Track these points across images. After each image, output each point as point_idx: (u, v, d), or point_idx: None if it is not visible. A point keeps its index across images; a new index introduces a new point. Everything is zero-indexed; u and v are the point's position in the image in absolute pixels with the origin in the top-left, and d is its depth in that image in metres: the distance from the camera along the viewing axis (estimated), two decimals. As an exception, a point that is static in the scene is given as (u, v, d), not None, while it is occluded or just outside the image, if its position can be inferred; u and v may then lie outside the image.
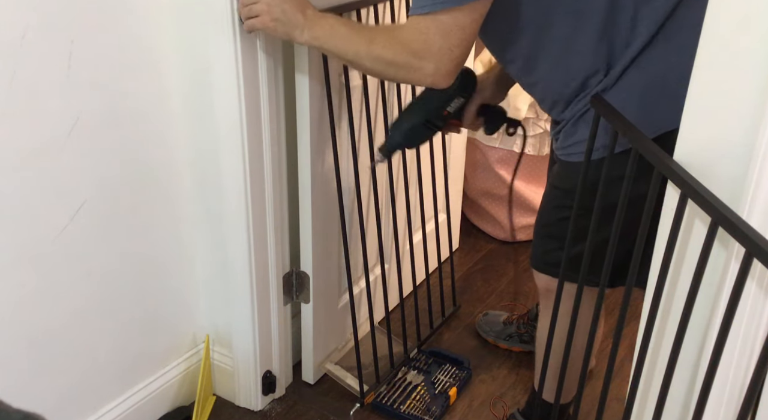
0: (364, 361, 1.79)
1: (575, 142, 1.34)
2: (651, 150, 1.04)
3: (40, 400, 1.41)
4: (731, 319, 0.88)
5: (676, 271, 1.03)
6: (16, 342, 1.35)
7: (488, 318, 2.09)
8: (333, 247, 1.78)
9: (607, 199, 1.22)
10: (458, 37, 1.21)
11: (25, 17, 1.19)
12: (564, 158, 1.39)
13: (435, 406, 1.80)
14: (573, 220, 1.32)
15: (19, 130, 1.24)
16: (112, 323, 1.54)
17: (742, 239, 0.84)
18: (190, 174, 1.59)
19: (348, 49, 1.31)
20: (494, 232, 2.59)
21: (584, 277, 1.29)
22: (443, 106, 1.50)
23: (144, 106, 1.46)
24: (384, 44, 1.28)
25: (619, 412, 1.21)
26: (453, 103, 1.50)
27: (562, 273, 1.38)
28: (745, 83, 0.89)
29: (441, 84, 1.29)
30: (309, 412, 1.79)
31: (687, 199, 0.95)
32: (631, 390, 1.11)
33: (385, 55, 1.27)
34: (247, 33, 1.40)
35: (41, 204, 1.32)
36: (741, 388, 0.97)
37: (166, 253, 1.62)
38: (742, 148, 0.90)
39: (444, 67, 1.25)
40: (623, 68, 1.26)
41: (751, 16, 0.87)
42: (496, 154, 2.42)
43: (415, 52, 1.24)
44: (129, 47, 1.39)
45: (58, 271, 1.39)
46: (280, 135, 1.58)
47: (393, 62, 1.27)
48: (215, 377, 1.80)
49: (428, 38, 1.22)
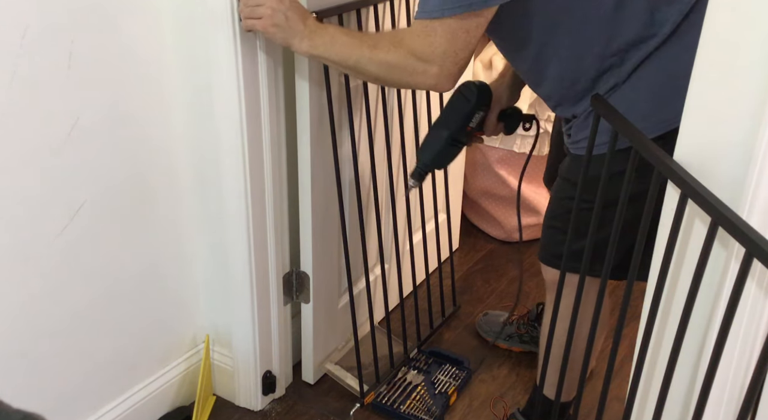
0: (364, 361, 1.79)
1: (587, 136, 1.34)
2: (651, 150, 1.04)
3: (40, 400, 1.41)
4: (731, 319, 0.88)
5: (676, 271, 1.03)
6: (16, 342, 1.35)
7: (488, 318, 2.09)
8: (333, 247, 1.78)
9: (612, 194, 1.22)
10: (464, 40, 1.23)
11: (25, 17, 1.19)
12: (575, 152, 1.40)
13: (435, 406, 1.80)
14: (576, 213, 1.32)
15: (19, 130, 1.24)
16: (112, 323, 1.54)
17: (742, 239, 0.84)
18: (190, 174, 1.59)
19: (350, 56, 1.32)
20: (494, 232, 2.59)
21: (585, 269, 1.29)
22: (466, 123, 1.54)
23: (144, 107, 1.46)
24: (388, 48, 1.28)
25: (619, 412, 1.21)
26: (475, 118, 1.55)
27: (564, 265, 1.38)
28: (745, 83, 0.89)
29: (444, 87, 1.30)
30: (309, 412, 1.79)
31: (687, 199, 0.95)
32: (631, 390, 1.11)
33: (389, 59, 1.28)
34: (246, 32, 1.40)
35: (41, 204, 1.32)
36: (741, 388, 0.97)
37: (166, 253, 1.62)
38: (742, 148, 0.90)
39: (447, 70, 1.26)
40: (635, 65, 1.27)
41: (751, 15, 0.87)
42: (496, 154, 2.42)
43: (420, 54, 1.25)
44: (129, 47, 1.39)
45: (58, 271, 1.39)
46: (280, 135, 1.58)
47: (397, 65, 1.28)
48: (215, 377, 1.80)
49: (434, 41, 1.23)
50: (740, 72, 0.90)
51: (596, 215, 1.25)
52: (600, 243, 1.27)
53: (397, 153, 1.88)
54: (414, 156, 1.87)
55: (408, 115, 1.86)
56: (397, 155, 1.88)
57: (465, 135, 1.55)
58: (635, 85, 1.29)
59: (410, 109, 1.87)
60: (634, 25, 1.26)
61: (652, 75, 1.28)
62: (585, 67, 1.30)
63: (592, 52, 1.29)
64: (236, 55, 1.41)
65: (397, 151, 1.87)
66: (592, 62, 1.30)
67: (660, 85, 1.28)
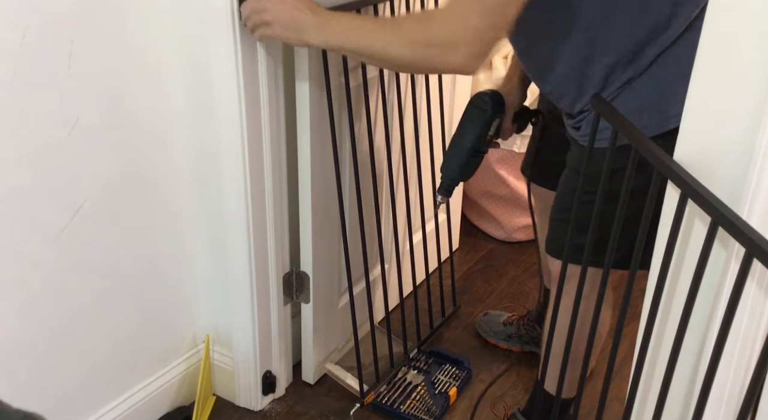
0: (364, 361, 1.79)
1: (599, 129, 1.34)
2: (651, 150, 1.04)
3: (40, 400, 1.41)
4: (731, 319, 0.88)
5: (676, 271, 1.03)
6: (16, 342, 1.35)
7: (488, 318, 2.09)
8: (333, 247, 1.78)
9: (615, 188, 1.21)
10: (497, 19, 1.19)
11: (25, 17, 1.19)
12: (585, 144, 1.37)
13: (435, 406, 1.80)
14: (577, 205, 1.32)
15: (19, 130, 1.24)
16: (112, 323, 1.54)
17: (742, 239, 0.84)
18: (190, 174, 1.59)
19: (374, 41, 1.26)
20: (494, 232, 2.59)
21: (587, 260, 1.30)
22: (485, 132, 1.57)
23: (144, 106, 1.46)
24: (414, 28, 1.24)
25: (619, 412, 1.20)
26: (492, 126, 1.58)
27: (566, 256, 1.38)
28: (745, 83, 0.89)
29: (472, 68, 1.26)
30: (309, 412, 1.79)
31: (687, 199, 0.95)
32: (631, 390, 1.11)
33: (416, 38, 1.23)
34: (245, 32, 1.39)
35: (41, 204, 1.32)
36: (741, 388, 0.97)
37: (166, 253, 1.62)
38: (742, 148, 0.90)
39: (477, 49, 1.22)
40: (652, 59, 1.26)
41: (751, 15, 0.87)
42: (496, 154, 2.42)
43: (451, 33, 1.21)
44: (129, 47, 1.39)
45: (57, 271, 1.39)
46: (280, 135, 1.58)
47: (428, 43, 1.22)
48: (215, 377, 1.80)
49: (467, 18, 1.19)
50: (740, 72, 0.90)
51: (597, 209, 1.25)
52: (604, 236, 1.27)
53: (398, 153, 1.88)
54: (414, 156, 1.87)
55: (408, 115, 1.86)
56: (398, 155, 1.88)
57: (485, 144, 1.59)
58: (650, 79, 1.27)
59: (410, 109, 1.87)
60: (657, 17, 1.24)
61: (667, 69, 1.26)
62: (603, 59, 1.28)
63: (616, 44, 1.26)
64: (236, 55, 1.41)
65: (397, 151, 1.87)
66: (610, 53, 1.27)
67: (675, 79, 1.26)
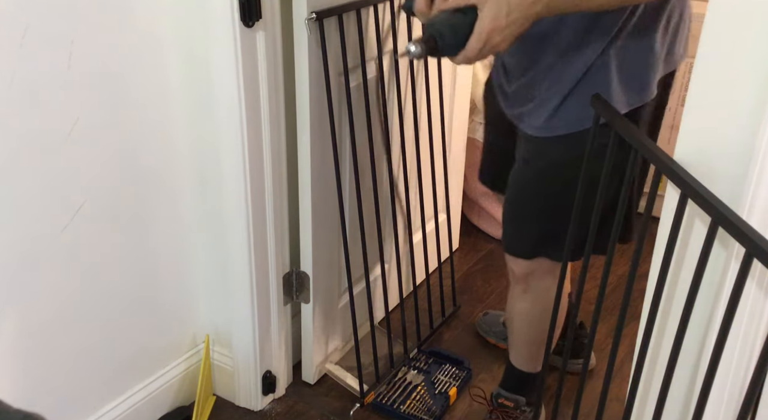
0: (364, 361, 1.79)
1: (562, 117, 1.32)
2: (651, 150, 1.04)
3: (40, 400, 1.41)
4: (731, 319, 0.88)
5: (676, 271, 1.03)
6: (17, 342, 1.35)
7: (488, 318, 2.10)
8: (333, 247, 1.78)
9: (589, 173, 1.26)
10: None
11: (25, 17, 1.19)
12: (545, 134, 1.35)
13: (435, 406, 1.80)
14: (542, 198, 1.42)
15: (19, 130, 1.24)
16: (112, 323, 1.54)
17: (742, 239, 0.84)
18: (190, 174, 1.59)
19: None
20: (494, 232, 2.59)
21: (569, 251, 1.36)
22: None
23: (144, 106, 1.46)
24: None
25: (619, 412, 1.20)
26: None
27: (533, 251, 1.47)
28: (744, 83, 0.90)
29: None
30: (309, 412, 1.79)
31: (687, 199, 0.95)
32: (631, 390, 1.11)
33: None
34: (245, 32, 1.39)
35: (41, 204, 1.32)
36: (741, 388, 0.97)
37: (166, 253, 1.62)
38: (742, 148, 0.91)
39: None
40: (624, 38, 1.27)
41: (751, 15, 0.87)
42: (496, 154, 2.42)
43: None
44: (129, 47, 1.39)
45: (57, 271, 1.39)
46: (280, 135, 1.58)
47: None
48: (215, 377, 1.80)
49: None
50: (740, 72, 0.90)
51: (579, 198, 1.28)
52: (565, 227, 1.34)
53: (397, 153, 1.88)
54: (414, 156, 1.87)
55: (408, 115, 1.86)
56: (397, 155, 1.88)
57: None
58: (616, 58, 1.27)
59: (410, 109, 1.87)
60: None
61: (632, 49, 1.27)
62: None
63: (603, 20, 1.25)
64: (236, 55, 1.41)
65: (397, 150, 1.87)
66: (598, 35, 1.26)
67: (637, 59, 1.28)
